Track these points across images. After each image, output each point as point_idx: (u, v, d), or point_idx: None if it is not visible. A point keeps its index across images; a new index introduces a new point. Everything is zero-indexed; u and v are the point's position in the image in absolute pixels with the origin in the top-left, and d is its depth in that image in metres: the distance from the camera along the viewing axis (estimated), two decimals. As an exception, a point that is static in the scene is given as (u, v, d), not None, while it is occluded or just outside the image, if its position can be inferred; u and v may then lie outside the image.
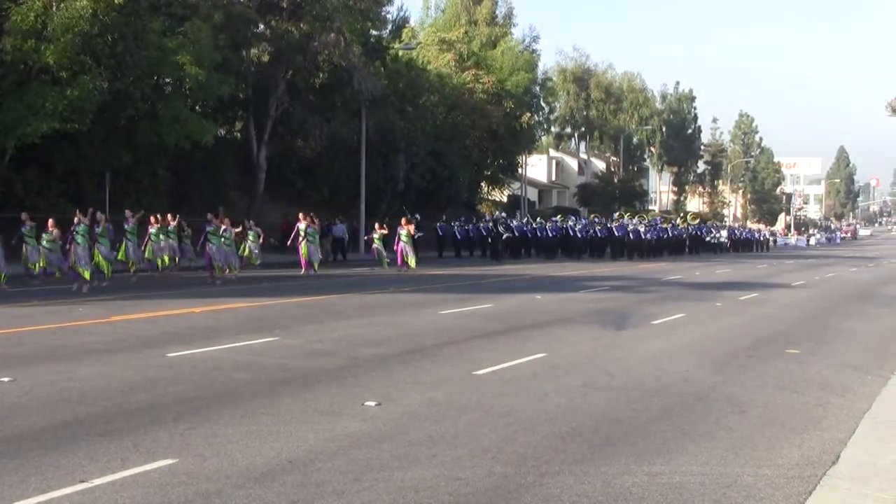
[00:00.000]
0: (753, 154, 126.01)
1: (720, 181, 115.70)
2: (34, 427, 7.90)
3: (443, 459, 7.22)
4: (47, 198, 31.07)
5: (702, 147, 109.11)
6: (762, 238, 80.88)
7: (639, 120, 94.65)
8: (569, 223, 48.59)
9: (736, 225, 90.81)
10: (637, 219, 54.96)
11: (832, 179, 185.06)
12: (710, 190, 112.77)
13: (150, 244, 25.98)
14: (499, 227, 43.30)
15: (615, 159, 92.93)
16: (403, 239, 31.14)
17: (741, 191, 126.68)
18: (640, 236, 49.82)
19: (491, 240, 43.58)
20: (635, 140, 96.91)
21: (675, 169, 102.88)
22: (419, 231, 40.55)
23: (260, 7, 38.77)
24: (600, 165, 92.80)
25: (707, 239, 63.46)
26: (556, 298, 22.00)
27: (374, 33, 45.71)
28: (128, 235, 24.93)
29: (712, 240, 64.37)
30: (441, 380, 10.59)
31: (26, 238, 22.95)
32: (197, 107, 37.39)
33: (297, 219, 29.11)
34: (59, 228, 22.56)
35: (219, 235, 24.89)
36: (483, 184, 62.08)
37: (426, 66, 53.89)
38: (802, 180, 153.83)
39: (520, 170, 65.62)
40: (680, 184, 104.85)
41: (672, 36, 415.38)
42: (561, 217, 51.41)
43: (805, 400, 10.14)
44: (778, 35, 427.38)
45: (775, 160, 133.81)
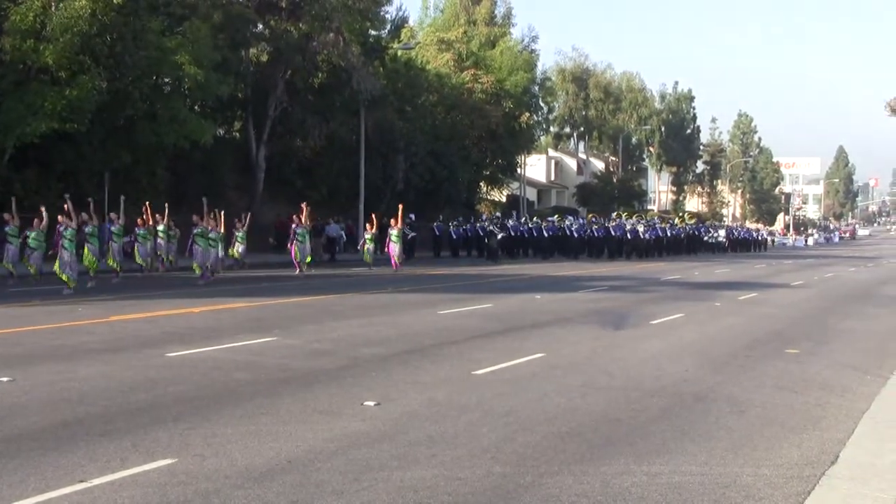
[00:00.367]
0: (752, 154, 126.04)
1: (719, 181, 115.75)
2: (34, 427, 7.90)
3: (442, 459, 7.22)
4: (46, 198, 30.96)
5: (701, 147, 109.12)
6: (760, 238, 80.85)
7: (638, 120, 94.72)
8: (565, 223, 48.55)
9: (735, 225, 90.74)
10: (635, 218, 54.89)
11: (831, 179, 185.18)
12: (710, 190, 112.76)
13: (137, 246, 25.87)
14: (493, 227, 43.17)
15: (614, 159, 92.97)
16: (393, 239, 30.99)
17: (740, 191, 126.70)
18: (639, 236, 49.78)
19: (487, 240, 43.50)
20: (634, 140, 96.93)
21: (674, 169, 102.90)
22: (412, 231, 40.57)
23: (259, 7, 38.79)
24: (599, 165, 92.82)
25: (705, 239, 63.44)
26: (556, 298, 22.01)
27: (373, 33, 45.72)
28: (113, 237, 24.65)
29: (710, 239, 64.35)
30: (440, 380, 10.60)
31: (9, 238, 22.78)
32: (196, 107, 37.42)
33: (291, 220, 29.01)
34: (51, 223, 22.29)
35: (206, 237, 24.70)
36: (482, 184, 62.07)
37: (425, 66, 53.90)
38: (801, 180, 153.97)
39: (519, 170, 65.63)
40: (679, 184, 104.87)
41: (671, 36, 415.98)
42: (558, 217, 51.36)
43: (804, 400, 10.14)
44: (777, 35, 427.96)
45: (774, 160, 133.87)
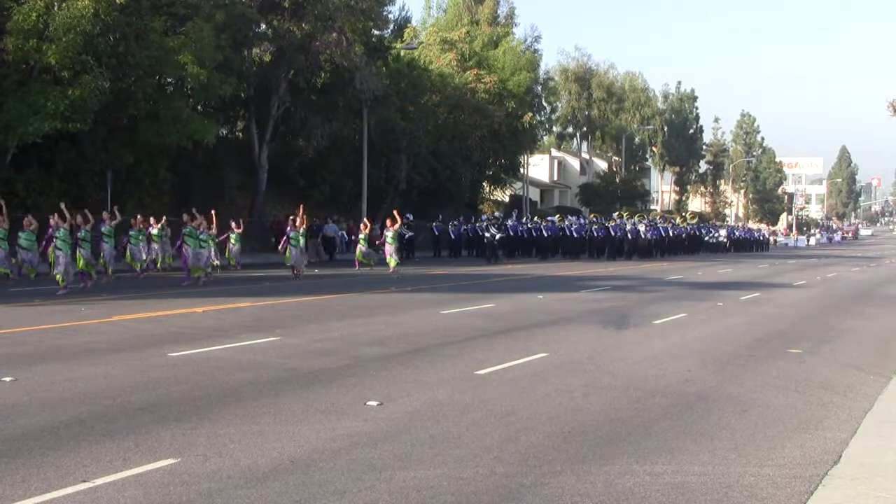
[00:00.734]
0: (755, 154, 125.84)
1: (722, 181, 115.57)
2: (36, 427, 7.90)
3: (445, 459, 7.22)
4: (49, 197, 31.06)
5: (703, 147, 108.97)
6: (761, 238, 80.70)
7: (640, 120, 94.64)
8: (565, 223, 48.41)
9: (738, 225, 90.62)
10: (637, 218, 54.79)
11: (834, 179, 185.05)
12: (712, 190, 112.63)
13: (129, 247, 25.72)
14: (490, 228, 42.92)
15: (617, 159, 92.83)
16: (388, 240, 30.37)
17: (743, 191, 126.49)
18: (640, 236, 49.70)
19: (485, 240, 43.25)
20: (637, 140, 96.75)
21: (677, 169, 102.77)
22: (410, 231, 40.41)
23: (261, 7, 38.79)
24: (602, 165, 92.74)
25: (706, 238, 63.32)
26: (558, 298, 22.00)
27: (376, 33, 45.66)
28: (104, 237, 24.40)
29: (711, 239, 64.23)
30: (443, 379, 10.59)
31: None
32: (199, 107, 37.43)
33: (285, 221, 28.82)
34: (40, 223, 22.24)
35: (195, 237, 24.33)
36: (485, 184, 62.07)
37: (428, 66, 53.88)
38: (804, 180, 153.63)
39: (521, 170, 65.58)
40: (682, 184, 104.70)
41: (674, 36, 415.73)
42: (559, 217, 51.22)
43: (807, 399, 10.13)
44: (779, 35, 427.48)
45: (777, 160, 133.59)
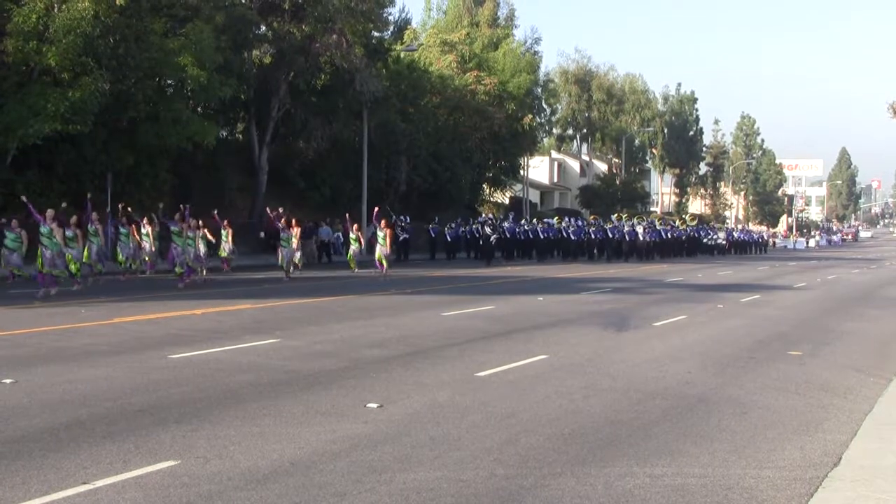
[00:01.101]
0: (755, 156, 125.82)
1: (722, 183, 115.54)
2: (36, 429, 7.90)
3: (445, 461, 7.22)
4: (49, 199, 31.05)
5: (703, 149, 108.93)
6: (760, 240, 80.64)
7: (640, 121, 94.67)
8: (562, 224, 48.32)
9: (738, 227, 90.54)
10: (636, 220, 54.75)
11: (834, 181, 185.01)
12: (712, 191, 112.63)
13: (119, 246, 25.47)
14: (486, 229, 42.83)
15: (617, 161, 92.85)
16: (380, 241, 29.62)
17: (743, 192, 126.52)
18: (638, 238, 49.67)
19: (481, 242, 43.15)
20: (637, 142, 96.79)
21: (677, 171, 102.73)
22: (404, 234, 40.27)
23: (261, 8, 38.81)
24: (602, 167, 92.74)
25: (704, 241, 63.22)
26: (558, 300, 22.00)
27: (376, 35, 45.67)
28: (90, 237, 24.00)
29: (709, 241, 64.12)
30: (443, 381, 10.59)
31: None
32: (199, 108, 37.44)
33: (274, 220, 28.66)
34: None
35: (182, 237, 24.05)
36: (485, 185, 62.06)
37: (428, 68, 53.91)
38: (804, 182, 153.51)
39: (521, 171, 65.59)
40: (682, 185, 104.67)
41: (674, 38, 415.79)
42: (557, 219, 51.16)
43: (807, 401, 10.13)
44: (779, 35, 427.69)
45: (777, 162, 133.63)
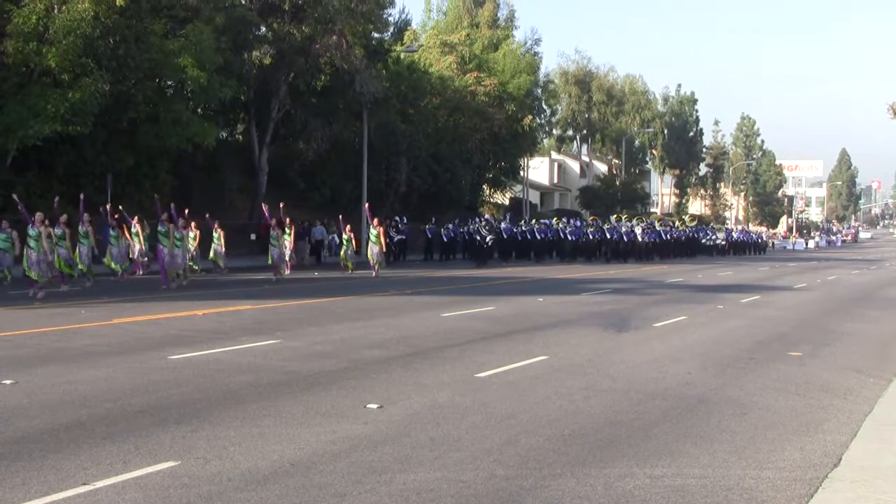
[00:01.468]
0: (755, 156, 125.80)
1: (722, 184, 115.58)
2: (36, 430, 7.90)
3: (445, 462, 7.22)
4: (49, 200, 31.04)
5: (703, 149, 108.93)
6: (759, 240, 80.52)
7: (640, 122, 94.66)
8: (560, 225, 48.25)
9: (738, 227, 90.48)
10: (635, 220, 54.69)
11: (834, 182, 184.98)
12: (713, 192, 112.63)
13: (109, 248, 25.21)
14: (481, 230, 42.70)
15: (617, 162, 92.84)
16: (372, 240, 29.27)
17: (743, 193, 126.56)
18: (636, 238, 49.61)
19: (476, 243, 43.00)
20: (637, 143, 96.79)
21: (677, 171, 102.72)
22: (399, 234, 40.21)
23: (261, 9, 38.85)
24: (602, 168, 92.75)
25: (703, 241, 63.12)
26: (558, 301, 21.99)
27: (376, 36, 45.71)
28: (81, 239, 23.82)
29: (708, 242, 64.02)
30: (443, 382, 10.59)
31: None
32: (199, 109, 37.47)
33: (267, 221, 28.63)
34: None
35: (169, 237, 23.75)
36: (485, 186, 62.06)
37: (428, 69, 53.94)
38: (804, 183, 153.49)
39: (521, 172, 65.62)
40: (682, 186, 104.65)
41: (674, 38, 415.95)
42: (556, 219, 51.11)
43: (807, 402, 10.13)
44: (779, 35, 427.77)
45: (777, 162, 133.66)
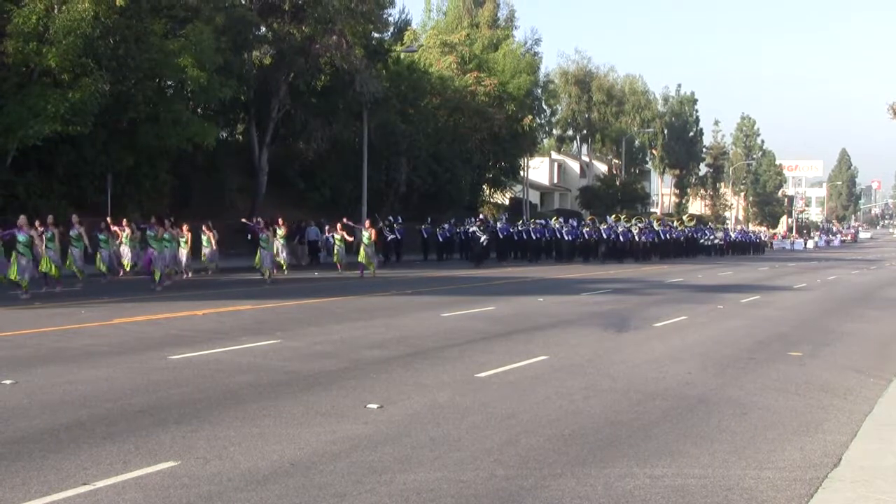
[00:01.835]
0: (755, 156, 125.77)
1: (722, 183, 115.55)
2: (36, 429, 7.90)
3: (445, 462, 7.22)
4: (49, 200, 31.10)
5: (703, 149, 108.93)
6: (758, 240, 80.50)
7: (640, 122, 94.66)
8: (557, 225, 48.20)
9: (737, 227, 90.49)
10: (634, 220, 54.66)
11: (834, 182, 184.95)
12: (713, 192, 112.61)
13: (99, 251, 25.15)
14: (476, 230, 42.59)
15: (617, 162, 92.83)
16: (364, 241, 28.97)
17: (743, 193, 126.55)
18: (634, 239, 49.56)
19: (472, 243, 42.89)
20: (637, 143, 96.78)
21: (677, 171, 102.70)
22: (393, 235, 40.15)
23: (261, 9, 38.86)
24: (602, 168, 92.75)
25: (702, 241, 63.07)
26: (558, 301, 21.99)
27: (376, 36, 45.72)
28: (73, 242, 23.71)
29: (706, 242, 63.97)
30: (443, 382, 10.59)
31: None
32: (199, 109, 37.47)
33: (255, 222, 28.49)
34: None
35: (159, 240, 23.78)
36: (485, 186, 62.07)
37: (428, 69, 53.95)
38: (804, 183, 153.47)
39: (521, 172, 65.63)
40: (682, 186, 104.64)
41: (674, 38, 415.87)
42: (555, 219, 51.06)
43: (807, 402, 10.13)
44: (779, 35, 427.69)
45: (777, 162, 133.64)
